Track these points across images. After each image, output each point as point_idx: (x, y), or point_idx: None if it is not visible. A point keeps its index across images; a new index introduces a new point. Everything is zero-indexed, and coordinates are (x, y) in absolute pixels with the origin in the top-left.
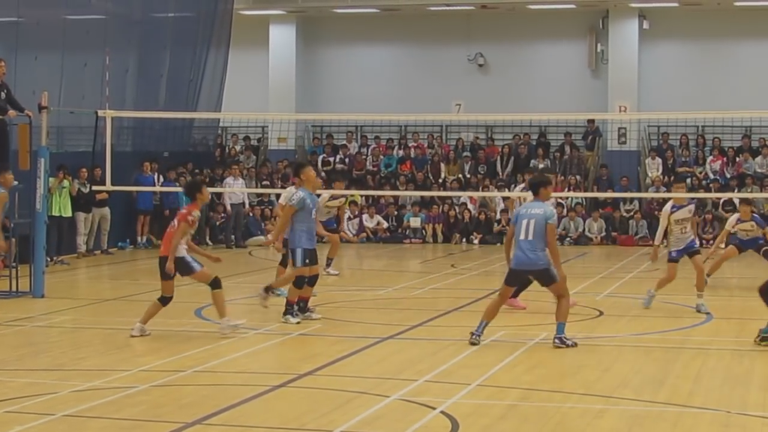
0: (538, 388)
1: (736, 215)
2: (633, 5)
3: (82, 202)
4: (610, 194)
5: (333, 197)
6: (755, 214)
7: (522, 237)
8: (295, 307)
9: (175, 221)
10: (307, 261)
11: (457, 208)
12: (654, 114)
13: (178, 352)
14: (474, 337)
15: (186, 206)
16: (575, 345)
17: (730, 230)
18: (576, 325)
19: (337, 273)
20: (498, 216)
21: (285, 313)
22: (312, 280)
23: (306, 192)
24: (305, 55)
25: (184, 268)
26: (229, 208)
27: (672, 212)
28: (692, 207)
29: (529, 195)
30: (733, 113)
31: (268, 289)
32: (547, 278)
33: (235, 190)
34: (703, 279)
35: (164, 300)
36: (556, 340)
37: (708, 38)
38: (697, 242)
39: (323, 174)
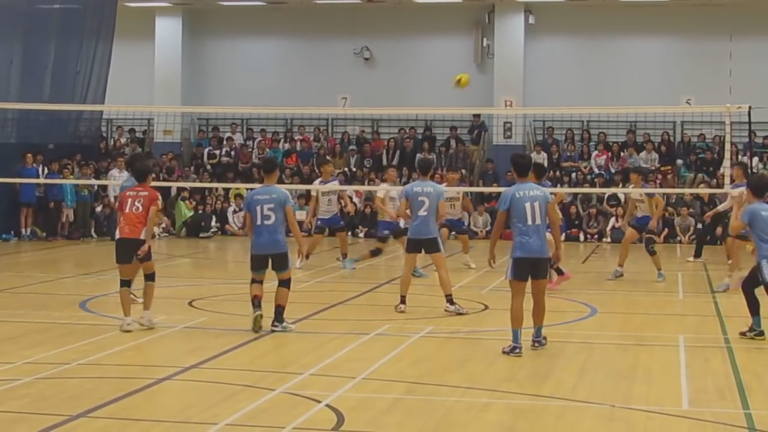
0: (423, 381)
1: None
2: (519, 0)
3: None
4: (495, 189)
5: (322, 182)
6: (645, 183)
7: (530, 222)
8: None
9: (139, 205)
10: None
11: (342, 201)
12: (539, 109)
13: (62, 344)
14: (517, 351)
15: (143, 188)
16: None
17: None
18: (461, 319)
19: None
20: None
21: (280, 321)
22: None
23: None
24: (191, 48)
25: (147, 254)
26: (113, 200)
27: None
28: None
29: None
30: (618, 108)
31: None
32: (545, 269)
33: (119, 182)
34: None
35: (125, 283)
36: (536, 343)
37: (593, 33)
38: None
39: (209, 167)
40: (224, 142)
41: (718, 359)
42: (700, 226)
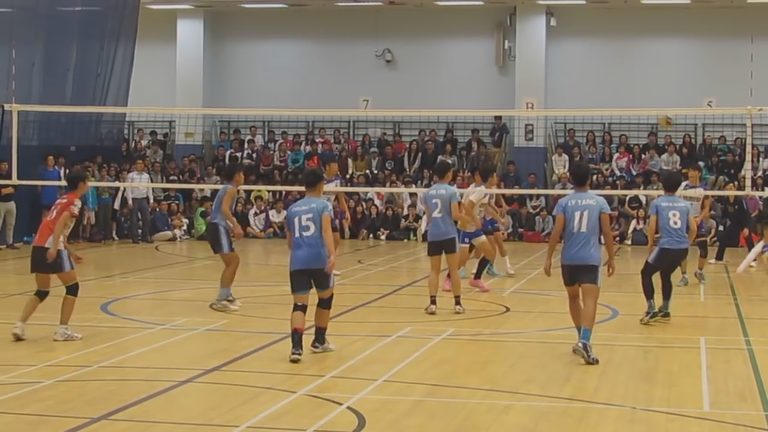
0: (445, 383)
1: (685, 182)
2: (540, 2)
3: None
4: (517, 191)
5: (327, 181)
6: (705, 183)
7: (576, 230)
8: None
9: (54, 212)
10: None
11: (364, 203)
12: (561, 111)
13: (83, 347)
14: (577, 346)
15: (66, 195)
16: (596, 362)
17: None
18: (482, 321)
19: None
20: (405, 212)
21: (321, 342)
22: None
23: None
24: (213, 50)
25: (56, 263)
26: (130, 202)
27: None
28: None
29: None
30: (639, 111)
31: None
32: (592, 276)
33: (137, 184)
34: None
35: (42, 294)
36: (580, 344)
37: (615, 36)
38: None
39: None
40: (246, 145)
41: (740, 361)
42: (721, 228)
